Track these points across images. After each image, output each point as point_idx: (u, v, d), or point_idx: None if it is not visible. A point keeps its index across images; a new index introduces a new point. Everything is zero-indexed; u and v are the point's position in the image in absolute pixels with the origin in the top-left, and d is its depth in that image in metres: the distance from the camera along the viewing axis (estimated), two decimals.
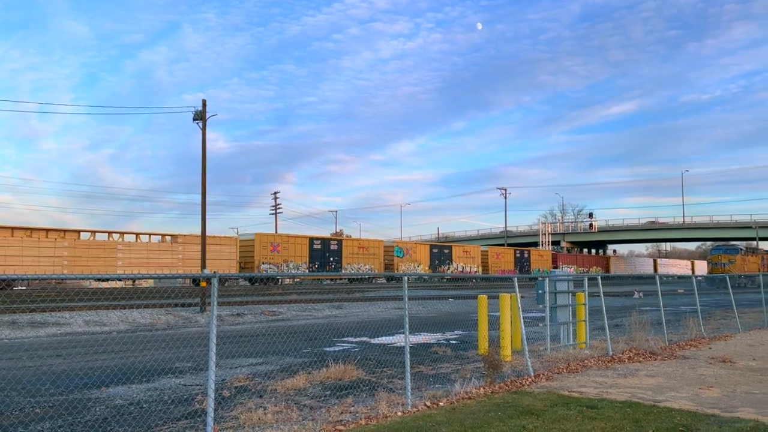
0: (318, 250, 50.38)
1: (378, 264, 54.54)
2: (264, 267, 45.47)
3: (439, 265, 61.13)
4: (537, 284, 13.06)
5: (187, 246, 41.53)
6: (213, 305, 6.09)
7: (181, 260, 40.98)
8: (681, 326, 16.42)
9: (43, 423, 6.89)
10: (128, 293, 31.47)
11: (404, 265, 57.53)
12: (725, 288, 19.51)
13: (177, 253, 41.15)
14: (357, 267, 52.04)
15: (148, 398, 8.24)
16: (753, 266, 69.09)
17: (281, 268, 46.40)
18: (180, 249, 41.32)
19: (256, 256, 45.81)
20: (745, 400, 7.90)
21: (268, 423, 6.72)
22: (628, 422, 6.58)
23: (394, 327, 16.98)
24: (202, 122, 27.21)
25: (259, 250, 46.54)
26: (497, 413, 6.97)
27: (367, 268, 52.99)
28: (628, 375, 9.77)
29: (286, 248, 48.37)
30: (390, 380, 9.37)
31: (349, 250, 52.67)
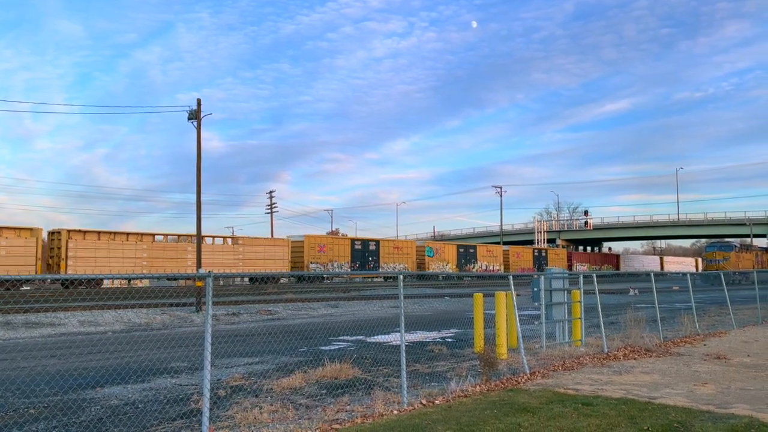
0: (359, 251, 53.98)
1: (411, 263, 57.50)
2: (312, 266, 48.84)
3: (465, 263, 64.09)
4: (532, 282, 13.08)
5: (246, 247, 45.09)
6: (208, 305, 6.08)
7: (241, 260, 44.24)
8: (676, 323, 16.48)
9: (38, 423, 6.87)
10: (134, 292, 31.39)
11: (434, 264, 60.24)
12: (720, 285, 19.58)
13: (238, 253, 44.47)
14: (392, 266, 55.32)
15: (143, 398, 8.22)
16: (747, 263, 69.35)
17: (327, 267, 49.91)
18: (240, 250, 44.76)
19: (305, 256, 49.07)
20: (740, 396, 7.93)
21: (264, 422, 6.71)
22: (624, 419, 6.60)
23: (390, 325, 16.98)
24: (197, 121, 27.14)
25: (308, 250, 50.01)
26: (493, 411, 6.98)
27: (401, 267, 56.09)
28: (623, 372, 9.80)
29: (331, 249, 52.01)
30: (386, 379, 9.37)
31: (385, 251, 56.06)
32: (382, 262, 55.32)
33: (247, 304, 25.60)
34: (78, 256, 36.56)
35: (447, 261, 62.72)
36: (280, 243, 48.06)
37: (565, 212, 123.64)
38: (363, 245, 54.84)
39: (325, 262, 50.66)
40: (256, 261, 44.85)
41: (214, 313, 21.26)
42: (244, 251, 45.03)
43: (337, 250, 52.36)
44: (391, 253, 56.68)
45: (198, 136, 27.22)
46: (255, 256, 44.91)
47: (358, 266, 52.84)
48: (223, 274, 6.59)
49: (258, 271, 44.41)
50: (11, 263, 33.36)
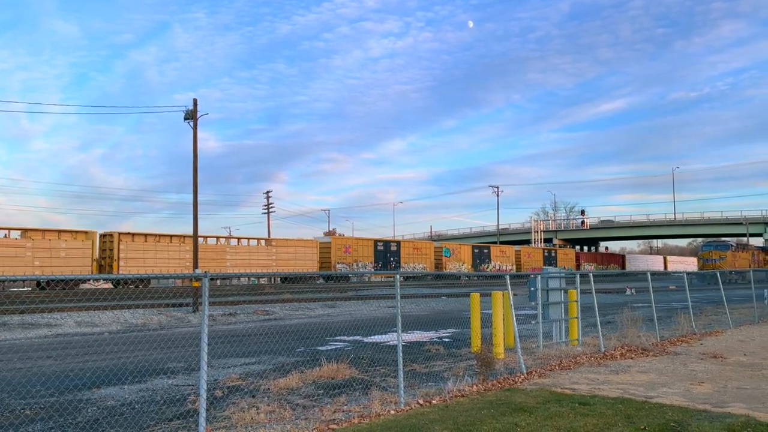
0: (381, 251, 56.18)
1: (429, 263, 59.70)
2: (339, 266, 51.01)
3: (480, 263, 66.13)
4: (529, 281, 13.08)
5: (279, 248, 47.76)
6: (204, 305, 6.07)
7: (275, 260, 46.96)
8: (672, 322, 16.51)
9: (34, 425, 6.85)
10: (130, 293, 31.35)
11: (451, 264, 62.43)
12: (716, 284, 19.62)
13: (271, 254, 47.01)
14: (412, 266, 57.62)
15: (140, 399, 8.20)
16: (743, 262, 69.51)
17: (352, 267, 52.25)
18: (273, 251, 47.33)
19: (332, 256, 51.25)
20: (736, 395, 7.95)
21: (260, 423, 6.70)
22: (620, 418, 6.61)
23: (387, 325, 16.98)
24: (194, 122, 27.10)
25: (335, 251, 52.07)
26: (490, 411, 6.98)
27: (421, 266, 58.29)
28: (620, 371, 9.81)
29: (355, 249, 54.30)
30: (383, 379, 9.37)
31: (406, 251, 58.32)
32: (403, 262, 57.47)
33: (244, 305, 25.57)
34: (128, 257, 38.87)
35: (463, 261, 64.49)
36: (309, 244, 50.74)
37: (561, 212, 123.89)
38: (385, 246, 56.98)
39: (350, 262, 52.81)
40: (288, 261, 47.32)
41: (211, 314, 21.23)
42: (277, 252, 47.42)
43: (361, 250, 54.58)
44: (411, 254, 58.79)
45: (194, 136, 27.18)
46: (287, 257, 47.47)
47: (380, 266, 54.83)
48: (221, 275, 6.58)
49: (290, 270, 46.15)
50: (71, 264, 36.09)
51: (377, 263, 55.08)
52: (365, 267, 53.41)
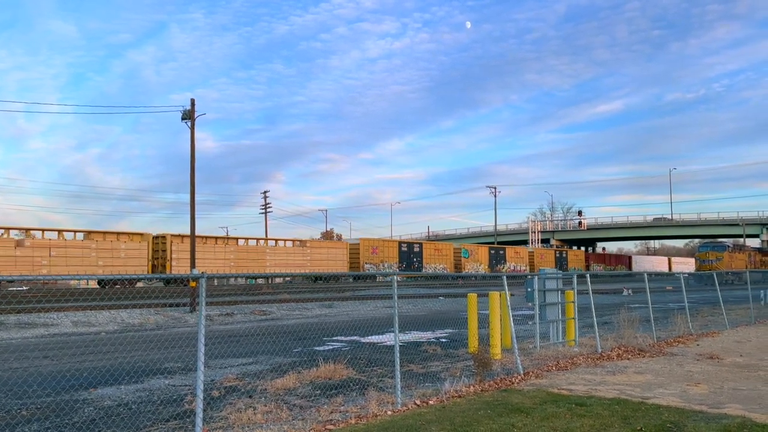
0: (405, 252, 58.89)
1: (449, 264, 62.29)
2: (367, 266, 53.83)
3: (496, 264, 68.81)
4: (526, 282, 13.09)
5: (314, 250, 50.94)
6: (201, 305, 6.06)
7: (310, 261, 49.86)
8: (669, 323, 16.53)
9: (31, 425, 6.84)
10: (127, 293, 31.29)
11: (469, 265, 65.10)
12: (713, 285, 19.66)
13: (306, 255, 49.89)
14: (433, 266, 60.34)
15: (137, 399, 8.19)
16: (740, 263, 69.63)
17: (379, 267, 54.97)
18: (309, 252, 50.29)
19: (361, 257, 54.03)
20: (733, 396, 7.97)
21: (257, 423, 6.70)
22: (617, 419, 6.62)
23: (384, 326, 16.98)
24: (191, 121, 27.07)
25: (363, 252, 54.73)
26: (487, 411, 6.98)
27: (441, 267, 61.15)
28: (616, 372, 9.82)
29: (382, 250, 57.01)
30: (380, 379, 9.37)
31: (428, 252, 60.88)
32: (425, 262, 60.15)
33: (241, 305, 25.55)
34: (179, 257, 41.39)
35: (480, 262, 66.74)
36: (339, 246, 54.34)
37: (559, 212, 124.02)
38: (408, 247, 59.68)
39: (377, 262, 55.56)
40: (320, 261, 50.34)
41: (208, 314, 21.20)
42: (311, 253, 50.41)
43: (387, 252, 57.37)
44: (432, 255, 61.25)
45: (192, 136, 27.15)
46: (320, 257, 50.38)
47: (404, 266, 57.62)
48: (218, 275, 6.58)
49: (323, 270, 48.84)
50: (129, 264, 38.88)
51: (401, 263, 57.71)
52: (391, 267, 56.10)
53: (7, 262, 34.30)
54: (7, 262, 34.33)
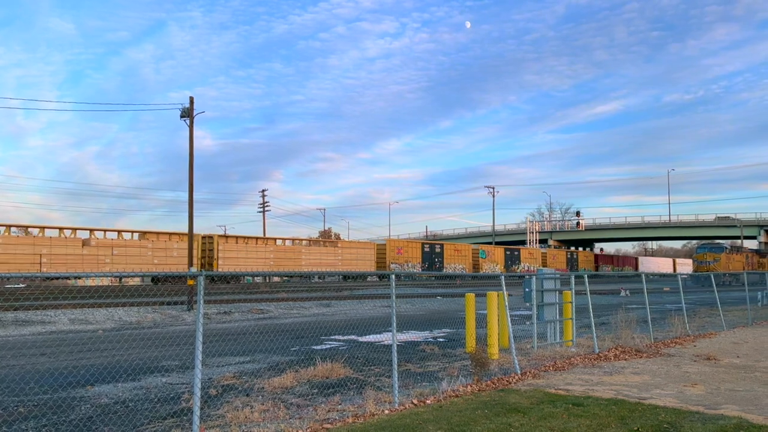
0: (428, 253, 61.21)
1: (468, 264, 65.14)
2: (392, 266, 56.58)
3: (511, 264, 71.11)
4: (524, 282, 13.10)
5: (344, 249, 53.94)
6: (199, 303, 6.06)
7: (341, 260, 52.78)
8: (666, 324, 16.56)
9: (28, 422, 6.83)
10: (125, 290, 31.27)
11: (486, 265, 67.72)
12: (710, 286, 19.69)
13: (338, 255, 52.98)
14: (453, 266, 62.81)
15: (134, 397, 8.18)
16: (737, 264, 69.76)
17: (403, 266, 57.67)
18: (339, 251, 53.31)
19: (387, 257, 56.93)
20: (729, 397, 7.98)
21: (255, 421, 6.69)
22: (614, 419, 6.62)
23: (382, 325, 16.98)
24: (190, 119, 27.04)
25: (389, 252, 57.52)
26: (484, 411, 6.99)
27: (461, 267, 63.56)
28: (614, 373, 9.83)
29: (406, 251, 59.64)
30: (377, 378, 9.37)
31: (448, 253, 63.26)
32: (446, 262, 62.66)
33: (239, 303, 25.53)
34: (225, 256, 44.64)
35: (496, 262, 69.13)
36: (368, 246, 57.60)
37: (557, 213, 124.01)
38: (431, 248, 62.08)
39: (402, 262, 58.37)
40: (351, 261, 53.42)
41: (206, 312, 21.18)
42: (342, 253, 53.40)
43: (411, 252, 60.05)
44: (452, 255, 63.74)
45: (191, 133, 27.12)
46: (350, 257, 53.42)
47: (427, 266, 60.05)
48: (217, 273, 6.58)
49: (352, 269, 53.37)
50: (181, 262, 41.51)
51: (424, 263, 60.29)
52: (414, 267, 58.85)
53: (75, 260, 37.09)
54: (75, 260, 37.11)
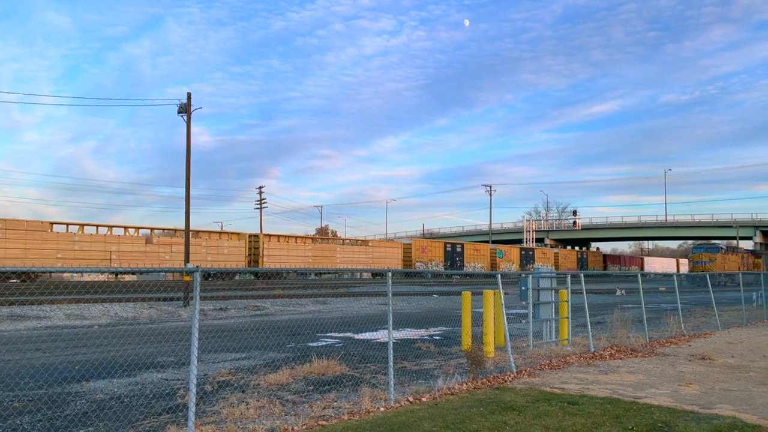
0: (449, 252, 64.41)
1: (486, 262, 68.78)
2: (417, 264, 59.88)
3: (526, 263, 74.23)
4: (520, 281, 13.12)
5: (374, 248, 57.41)
6: (195, 299, 6.05)
7: (371, 258, 55.91)
8: (662, 324, 16.60)
9: (22, 417, 6.81)
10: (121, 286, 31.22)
11: (503, 264, 70.88)
12: (705, 286, 19.74)
13: (369, 253, 56.02)
14: (473, 265, 66.09)
15: (129, 393, 8.17)
16: (733, 265, 69.93)
17: (427, 264, 60.99)
18: (370, 250, 56.55)
19: (413, 255, 60.07)
20: (724, 396, 8.01)
21: (250, 418, 6.69)
22: (609, 418, 6.64)
23: (378, 322, 16.99)
24: (187, 115, 26.98)
25: (414, 251, 60.61)
26: (479, 409, 7.00)
27: (479, 266, 66.87)
28: (609, 372, 9.86)
29: (430, 250, 62.73)
30: (373, 376, 9.37)
31: (468, 252, 66.73)
32: (466, 261, 65.85)
33: (235, 299, 25.51)
34: (270, 254, 47.37)
35: (512, 261, 72.41)
36: (395, 245, 61.15)
37: (553, 212, 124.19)
38: (452, 247, 65.26)
39: (426, 260, 61.22)
40: (380, 259, 56.62)
41: (202, 308, 21.17)
42: (373, 251, 56.64)
43: (434, 251, 62.93)
44: (472, 254, 67.15)
45: (188, 129, 27.07)
46: (380, 256, 56.73)
47: (449, 264, 63.09)
48: (212, 269, 6.56)
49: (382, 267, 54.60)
50: (231, 259, 44.66)
51: (446, 262, 63.17)
52: (437, 265, 62.11)
53: (140, 257, 39.60)
54: (140, 256, 39.61)
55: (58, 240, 36.71)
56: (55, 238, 36.71)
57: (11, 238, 34.76)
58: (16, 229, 35.11)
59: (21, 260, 34.39)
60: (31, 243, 35.48)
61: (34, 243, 35.58)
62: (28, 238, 35.39)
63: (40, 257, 35.04)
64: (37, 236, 35.84)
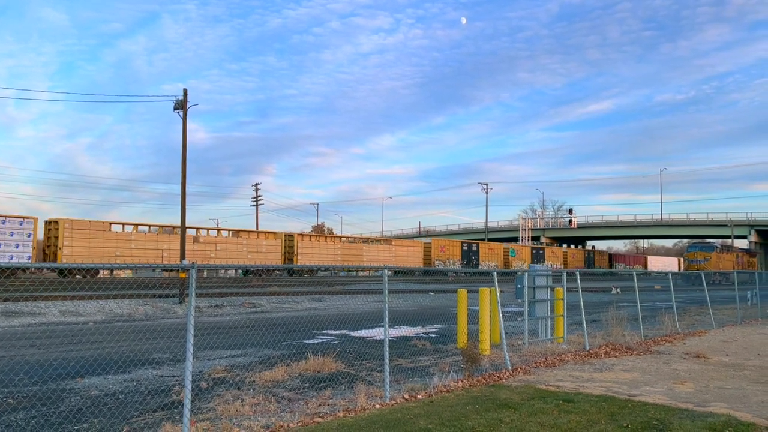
0: (466, 251, 67.66)
1: (500, 261, 72.52)
2: (437, 262, 62.68)
3: (537, 261, 77.09)
4: (516, 279, 13.13)
5: (397, 247, 61.03)
6: (191, 296, 6.03)
7: (394, 256, 59.34)
8: (657, 322, 16.64)
9: (17, 413, 6.79)
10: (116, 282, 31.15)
11: (515, 263, 73.80)
12: (700, 285, 19.80)
13: (392, 252, 59.66)
14: (487, 263, 69.63)
15: (124, 389, 8.15)
16: (728, 264, 70.16)
17: (446, 263, 64.01)
18: (394, 250, 60.17)
19: (432, 254, 63.16)
20: (718, 395, 8.03)
21: (245, 415, 6.68)
22: (604, 416, 6.66)
23: (374, 320, 16.99)
24: (183, 112, 26.91)
25: (434, 250, 63.50)
26: (475, 406, 7.01)
27: (494, 264, 70.54)
28: (604, 369, 9.88)
29: (448, 249, 65.82)
30: (369, 373, 9.37)
31: (483, 251, 70.36)
32: (481, 260, 69.30)
33: (230, 296, 25.47)
34: (303, 252, 50.87)
35: (524, 260, 75.29)
36: (416, 244, 64.82)
37: (549, 210, 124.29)
38: (468, 246, 68.52)
39: (444, 259, 64.32)
40: (402, 257, 60.15)
41: (198, 305, 21.13)
42: (396, 251, 60.06)
43: (451, 250, 66.06)
44: (486, 253, 70.52)
45: (184, 126, 27.00)
46: (403, 254, 60.34)
47: (465, 263, 65.97)
48: (207, 266, 6.55)
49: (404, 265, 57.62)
50: (268, 257, 47.91)
51: (463, 260, 66.09)
52: (455, 263, 65.03)
53: (188, 255, 41.14)
54: (188, 254, 41.22)
55: (117, 239, 39.32)
56: (114, 237, 39.42)
57: (77, 237, 37.32)
58: (81, 229, 37.68)
59: (87, 257, 37.08)
60: (94, 242, 38.17)
61: (96, 242, 38.27)
62: (91, 237, 38.01)
63: (101, 255, 37.82)
64: (99, 235, 38.55)
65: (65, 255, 36.24)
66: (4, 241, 34.13)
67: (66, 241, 36.59)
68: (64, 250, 36.40)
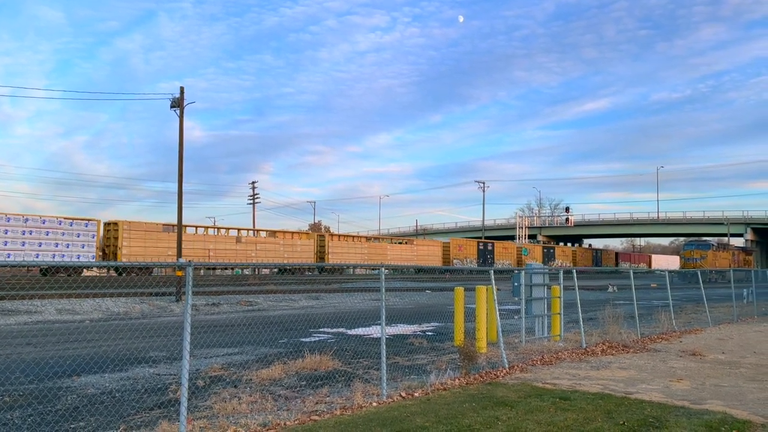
0: (482, 250, 70.27)
1: (513, 260, 74.92)
2: (455, 261, 64.80)
3: (547, 260, 79.26)
4: (513, 277, 13.14)
5: (418, 247, 64.09)
6: (188, 294, 6.02)
7: (416, 255, 62.10)
8: (653, 320, 16.69)
9: (13, 412, 6.78)
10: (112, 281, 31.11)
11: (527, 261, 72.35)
12: (696, 283, 19.84)
13: (413, 251, 62.62)
14: (502, 262, 71.97)
15: (120, 387, 8.14)
16: (724, 262, 70.35)
17: (463, 261, 66.30)
18: (415, 249, 63.29)
19: (450, 253, 65.50)
20: (714, 392, 8.06)
21: (242, 413, 6.68)
22: (600, 413, 6.67)
23: (371, 318, 16.99)
24: (180, 110, 26.85)
25: (452, 249, 65.99)
26: (471, 404, 7.01)
27: (507, 263, 72.91)
28: (600, 367, 9.90)
29: (465, 248, 68.15)
30: (366, 371, 9.38)
31: (498, 250, 72.77)
32: (496, 259, 71.63)
33: (227, 295, 25.45)
34: (334, 252, 53.36)
35: (535, 259, 77.58)
36: (435, 244, 67.68)
37: (546, 209, 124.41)
38: (484, 246, 71.11)
39: (462, 258, 66.71)
40: (423, 256, 62.74)
41: (194, 303, 21.10)
42: (417, 250, 62.93)
43: (468, 249, 68.41)
44: (501, 252, 73.10)
45: (180, 124, 26.94)
46: (423, 253, 63.05)
47: (481, 261, 68.15)
48: (202, 264, 6.55)
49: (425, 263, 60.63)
50: (303, 256, 50.66)
51: (479, 259, 68.48)
52: (471, 262, 67.39)
53: (231, 254, 45.30)
54: (231, 253, 45.31)
55: (169, 239, 40.43)
56: (166, 237, 41.06)
57: (134, 237, 39.61)
58: (137, 230, 40.06)
59: (142, 257, 39.17)
60: (149, 242, 40.35)
61: (151, 242, 40.42)
62: (146, 238, 40.26)
63: (156, 254, 39.84)
64: (153, 236, 40.71)
65: (124, 255, 38.61)
66: (71, 242, 36.37)
67: (125, 242, 39.10)
68: (123, 249, 38.83)
